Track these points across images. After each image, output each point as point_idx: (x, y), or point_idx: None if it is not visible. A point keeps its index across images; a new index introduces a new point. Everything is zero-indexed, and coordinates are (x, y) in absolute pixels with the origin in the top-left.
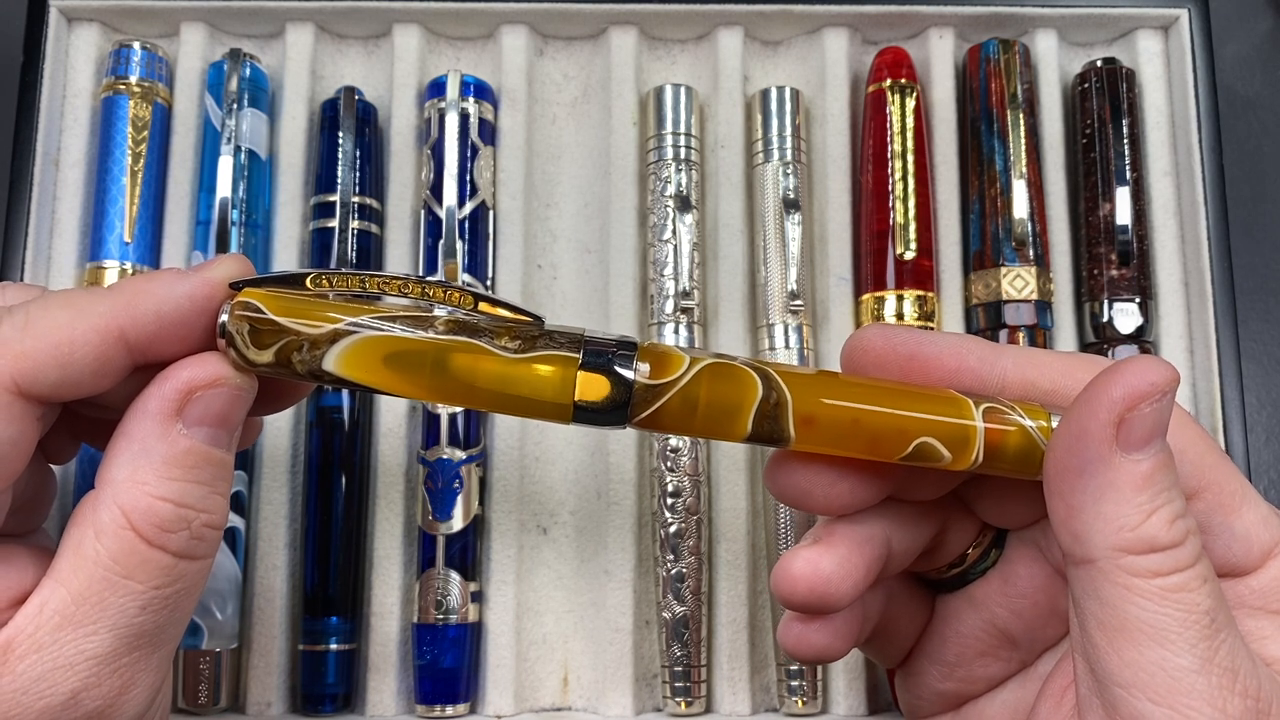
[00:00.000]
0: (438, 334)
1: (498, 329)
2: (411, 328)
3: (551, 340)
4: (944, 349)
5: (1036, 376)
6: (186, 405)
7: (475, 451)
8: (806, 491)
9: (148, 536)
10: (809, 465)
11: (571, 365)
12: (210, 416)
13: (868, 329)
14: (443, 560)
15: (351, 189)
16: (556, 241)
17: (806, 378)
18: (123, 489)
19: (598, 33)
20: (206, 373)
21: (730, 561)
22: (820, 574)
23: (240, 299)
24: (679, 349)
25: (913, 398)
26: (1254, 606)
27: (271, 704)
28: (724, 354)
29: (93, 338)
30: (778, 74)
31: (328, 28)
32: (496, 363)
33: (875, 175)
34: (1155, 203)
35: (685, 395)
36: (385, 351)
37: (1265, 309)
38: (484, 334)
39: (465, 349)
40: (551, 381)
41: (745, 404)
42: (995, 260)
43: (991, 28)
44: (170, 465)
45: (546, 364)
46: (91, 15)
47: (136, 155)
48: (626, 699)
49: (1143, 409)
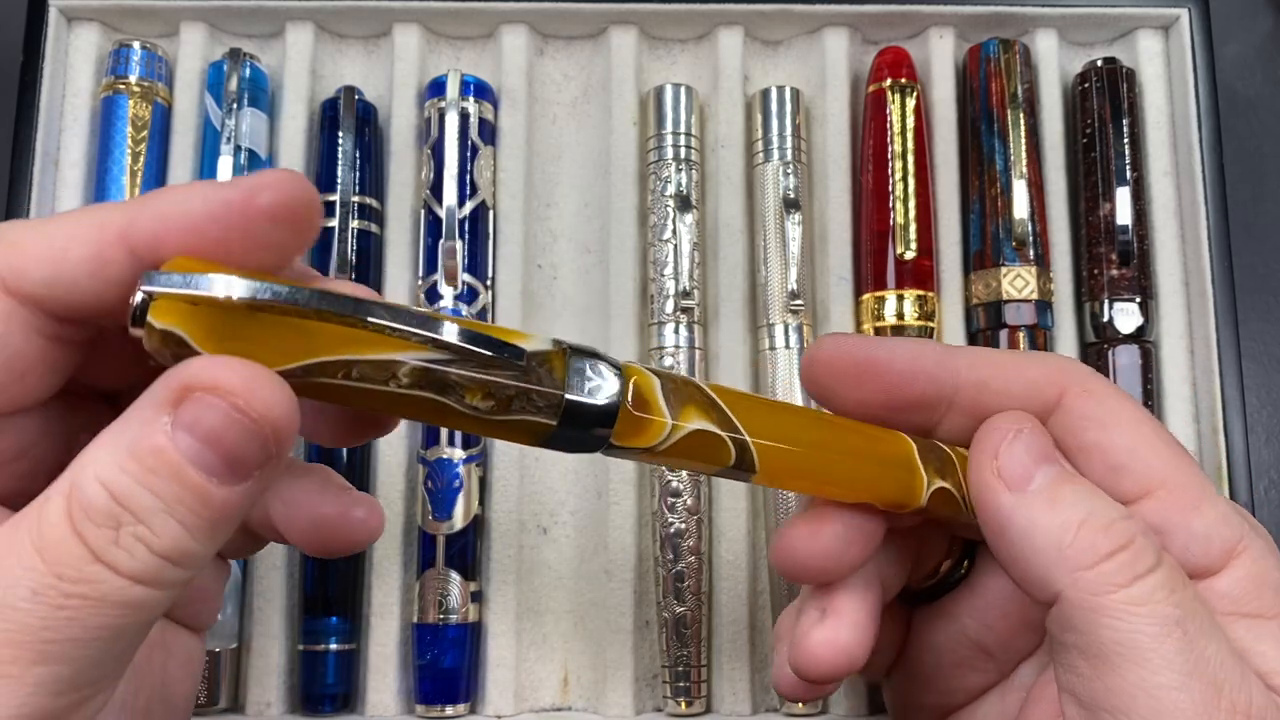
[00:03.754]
0: (400, 387)
1: (469, 383)
2: (372, 376)
3: (529, 402)
4: (896, 354)
5: (989, 376)
6: (183, 402)
7: (475, 451)
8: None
9: (71, 514)
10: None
11: (541, 434)
12: (200, 429)
13: (822, 340)
14: (443, 560)
15: (351, 188)
16: (556, 241)
17: (782, 455)
18: (85, 458)
19: (598, 32)
20: (214, 376)
21: (730, 561)
22: (842, 651)
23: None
24: (662, 403)
25: (872, 473)
26: (1223, 612)
27: (271, 704)
28: (713, 398)
29: (88, 232)
30: (778, 74)
31: (327, 27)
32: (465, 421)
33: (875, 175)
34: (1155, 202)
35: (657, 457)
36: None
37: (1265, 309)
38: (452, 390)
39: (431, 407)
40: (517, 437)
41: (713, 465)
42: (995, 260)
43: (992, 27)
44: (131, 455)
45: (519, 431)
46: (91, 15)
47: (136, 155)
48: (626, 699)
49: (1000, 447)
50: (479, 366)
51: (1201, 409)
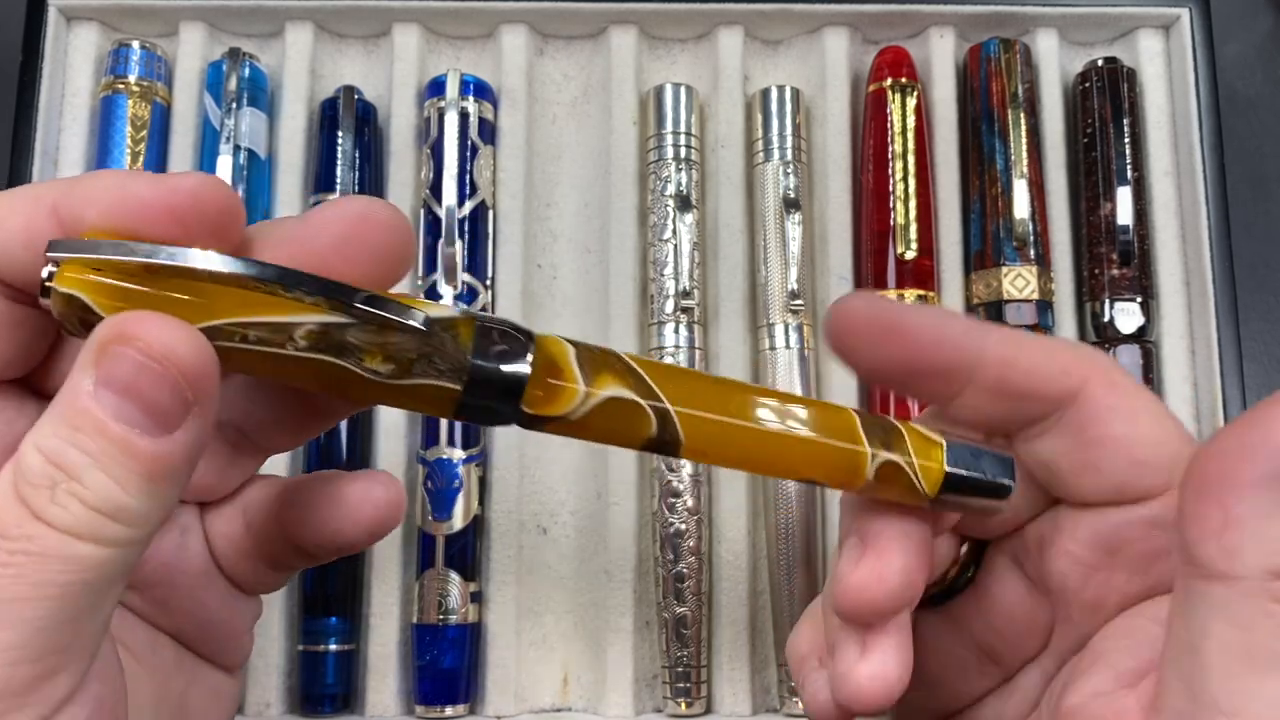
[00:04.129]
0: (297, 349)
1: (368, 346)
2: (269, 339)
3: (431, 365)
4: (923, 320)
5: (1016, 354)
6: (101, 360)
7: (475, 451)
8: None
9: (15, 482)
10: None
11: (449, 402)
12: (116, 382)
13: (853, 296)
14: (443, 560)
15: (351, 188)
16: (556, 241)
17: (707, 421)
18: (30, 433)
19: (598, 32)
20: (122, 328)
21: (730, 561)
22: (893, 682)
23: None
24: (576, 369)
25: (809, 447)
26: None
27: (271, 704)
28: (631, 365)
29: (23, 204)
30: (778, 73)
31: (327, 27)
32: (368, 389)
33: (876, 175)
34: (1156, 202)
35: (574, 426)
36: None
37: (1266, 308)
38: (350, 353)
39: (331, 372)
40: (425, 405)
41: (636, 439)
42: (996, 260)
43: (992, 27)
44: (61, 421)
45: (426, 398)
46: (91, 14)
47: (135, 155)
48: (626, 699)
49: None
50: (378, 330)
51: (1202, 409)
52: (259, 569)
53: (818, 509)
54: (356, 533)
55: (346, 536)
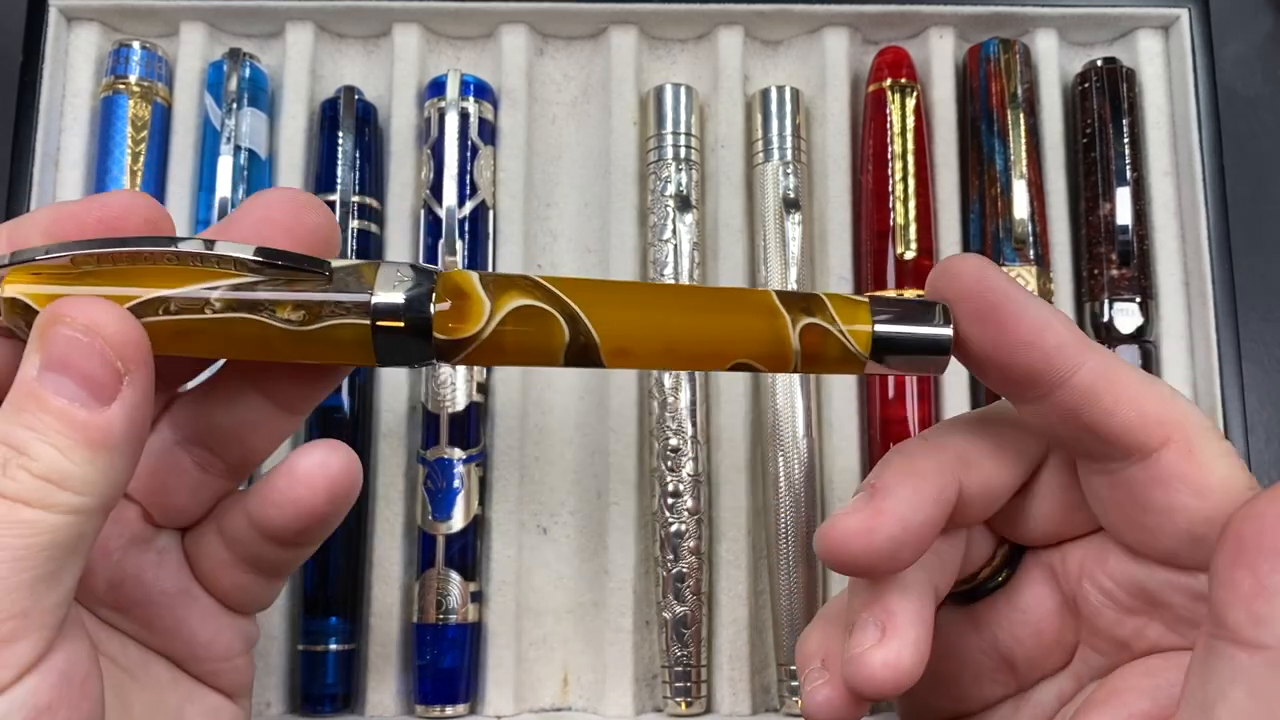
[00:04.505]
0: (215, 312)
1: (279, 300)
2: (189, 308)
3: (338, 307)
4: (1027, 317)
5: (1106, 393)
6: (40, 343)
7: (475, 451)
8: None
9: None
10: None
11: (364, 345)
12: (53, 360)
13: (968, 257)
14: (443, 560)
15: (351, 188)
16: (556, 241)
17: (618, 315)
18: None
19: (598, 32)
20: (55, 310)
21: (730, 561)
22: (905, 673)
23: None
24: (480, 290)
25: (728, 324)
26: None
27: (271, 704)
28: (538, 281)
29: None
30: (778, 74)
31: (327, 27)
32: (285, 342)
33: (875, 175)
34: (1156, 202)
35: (489, 345)
36: (172, 332)
37: (1266, 309)
38: (263, 308)
39: (249, 330)
40: (345, 353)
41: (553, 351)
42: (995, 260)
43: (992, 27)
44: (10, 405)
45: (340, 344)
46: (91, 15)
47: (136, 155)
48: (626, 699)
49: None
50: (286, 283)
51: (1202, 409)
52: (242, 579)
53: (818, 509)
54: (317, 499)
55: (305, 503)
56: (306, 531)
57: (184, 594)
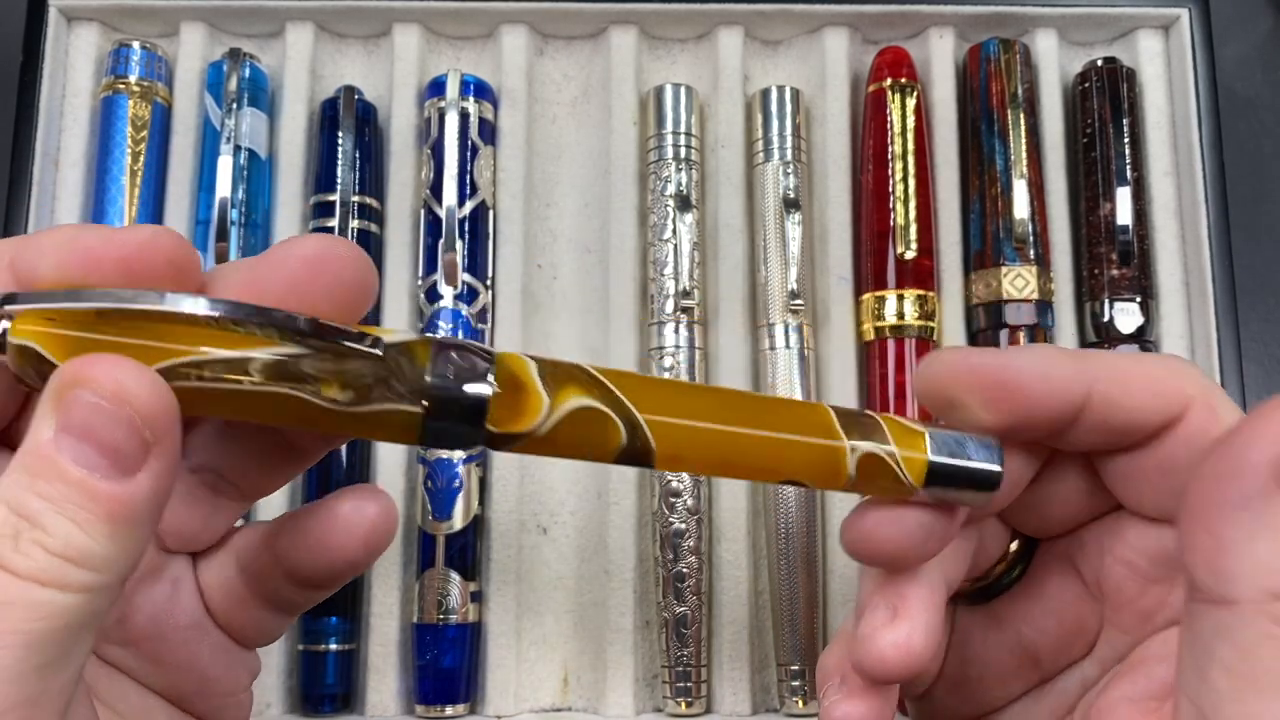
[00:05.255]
0: (254, 384)
1: (325, 374)
2: (225, 375)
3: (390, 390)
4: (1033, 374)
5: (1118, 393)
6: (57, 405)
7: (475, 451)
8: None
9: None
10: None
11: (413, 427)
12: (74, 425)
13: (942, 354)
14: (443, 560)
15: (351, 188)
16: (556, 241)
17: (677, 430)
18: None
19: (598, 32)
20: (77, 371)
21: (730, 561)
22: (914, 655)
23: (18, 338)
24: (539, 383)
25: (785, 445)
26: None
27: (271, 704)
28: (596, 376)
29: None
30: (778, 73)
31: (327, 27)
32: (329, 419)
33: (875, 175)
34: (1156, 202)
35: (542, 442)
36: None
37: (1266, 309)
38: (307, 382)
39: (290, 405)
40: (390, 433)
41: (606, 450)
42: (996, 260)
43: (992, 27)
44: (23, 470)
45: (388, 425)
46: (91, 15)
47: (136, 155)
48: (626, 699)
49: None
50: (333, 358)
51: None
52: (256, 615)
53: (818, 509)
54: (354, 547)
55: (346, 553)
56: (336, 576)
57: (196, 628)
